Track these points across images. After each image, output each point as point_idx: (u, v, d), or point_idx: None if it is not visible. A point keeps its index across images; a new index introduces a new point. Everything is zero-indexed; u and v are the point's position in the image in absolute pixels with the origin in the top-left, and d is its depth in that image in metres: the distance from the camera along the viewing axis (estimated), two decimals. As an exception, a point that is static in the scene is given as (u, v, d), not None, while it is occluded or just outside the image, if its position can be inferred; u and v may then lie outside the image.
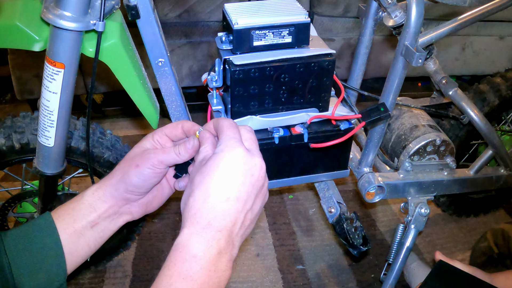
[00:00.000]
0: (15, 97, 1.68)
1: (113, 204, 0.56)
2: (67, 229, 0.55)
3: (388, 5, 0.85)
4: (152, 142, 0.58)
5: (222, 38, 0.72)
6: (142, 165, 0.55)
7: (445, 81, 0.98)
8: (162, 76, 0.78)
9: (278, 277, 1.18)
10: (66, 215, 0.56)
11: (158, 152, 0.56)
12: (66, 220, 0.55)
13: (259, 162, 0.50)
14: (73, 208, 0.56)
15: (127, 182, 0.55)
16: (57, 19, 0.62)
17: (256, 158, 0.50)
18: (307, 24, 0.71)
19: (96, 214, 0.56)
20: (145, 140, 0.59)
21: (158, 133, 0.59)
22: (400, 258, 0.98)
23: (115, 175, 0.57)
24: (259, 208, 0.51)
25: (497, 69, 1.21)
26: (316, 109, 0.77)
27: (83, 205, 0.56)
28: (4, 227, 1.07)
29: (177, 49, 1.66)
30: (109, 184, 0.56)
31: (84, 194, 0.57)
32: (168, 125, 0.60)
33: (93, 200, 0.56)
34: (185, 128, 0.59)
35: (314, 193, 1.48)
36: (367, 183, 0.92)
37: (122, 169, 0.56)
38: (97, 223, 0.56)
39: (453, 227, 1.36)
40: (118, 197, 0.56)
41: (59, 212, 0.56)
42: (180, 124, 0.59)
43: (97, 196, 0.56)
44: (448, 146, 0.97)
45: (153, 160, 0.55)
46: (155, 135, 0.59)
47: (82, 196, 0.57)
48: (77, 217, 0.56)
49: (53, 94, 0.69)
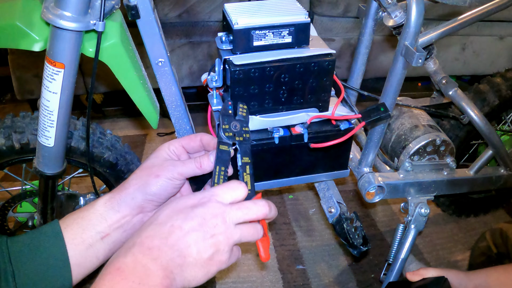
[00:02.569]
0: (15, 97, 1.68)
1: (127, 213, 0.56)
2: (75, 239, 0.54)
3: (388, 5, 0.85)
4: (168, 152, 0.59)
5: (222, 38, 0.72)
6: (162, 175, 0.55)
7: (445, 81, 0.98)
8: (162, 76, 0.78)
9: (278, 277, 1.18)
10: (75, 224, 0.55)
11: (177, 164, 0.56)
12: (75, 229, 0.54)
13: (221, 210, 0.49)
14: (83, 217, 0.55)
15: (147, 191, 0.55)
16: (57, 19, 0.62)
17: (220, 206, 0.49)
18: (307, 24, 0.71)
19: (106, 224, 0.55)
20: (161, 150, 0.59)
21: (174, 144, 0.59)
22: (400, 258, 0.98)
23: (132, 184, 0.56)
24: (204, 250, 0.48)
25: (497, 69, 1.21)
26: (316, 109, 0.77)
27: (93, 215, 0.55)
28: (4, 227, 1.07)
29: (177, 49, 1.66)
30: (125, 193, 0.56)
31: (95, 204, 0.56)
32: (185, 137, 0.60)
33: (105, 210, 0.55)
34: (205, 142, 0.60)
35: (314, 193, 1.48)
36: (367, 183, 0.92)
37: (140, 178, 0.56)
38: (107, 234, 0.55)
39: (453, 227, 1.36)
40: (133, 206, 0.56)
41: (67, 221, 0.55)
42: (199, 137, 0.60)
43: (109, 205, 0.55)
44: (448, 146, 0.97)
45: (173, 173, 0.55)
46: (171, 146, 0.59)
47: (92, 206, 0.56)
48: (86, 227, 0.54)
49: (53, 94, 0.69)
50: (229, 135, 0.58)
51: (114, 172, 1.00)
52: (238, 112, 0.61)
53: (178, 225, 0.47)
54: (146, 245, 0.46)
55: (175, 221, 0.47)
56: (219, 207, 0.49)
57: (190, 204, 0.49)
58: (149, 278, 0.44)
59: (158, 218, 0.49)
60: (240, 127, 0.60)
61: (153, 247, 0.45)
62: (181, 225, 0.47)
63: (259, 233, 0.52)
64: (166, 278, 0.44)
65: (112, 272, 0.44)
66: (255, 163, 0.77)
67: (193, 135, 0.60)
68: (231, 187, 0.51)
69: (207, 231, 0.47)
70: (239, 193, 0.51)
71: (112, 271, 0.44)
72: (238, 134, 0.59)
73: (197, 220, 0.47)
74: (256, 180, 0.80)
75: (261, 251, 0.54)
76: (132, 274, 0.44)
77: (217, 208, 0.49)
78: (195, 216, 0.48)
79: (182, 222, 0.47)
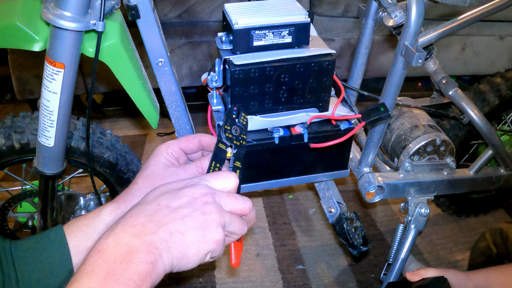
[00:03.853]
0: (15, 97, 1.68)
1: None
2: (79, 246, 0.53)
3: (388, 5, 0.85)
4: (167, 157, 0.58)
5: (222, 38, 0.72)
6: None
7: (445, 81, 0.98)
8: (162, 76, 0.78)
9: (278, 277, 1.18)
10: (80, 231, 0.54)
11: (179, 172, 0.55)
12: (79, 236, 0.54)
13: (207, 190, 0.47)
14: (88, 225, 0.54)
15: None
16: (57, 19, 0.62)
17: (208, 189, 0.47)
18: (307, 24, 0.71)
19: None
20: (159, 154, 0.58)
21: (172, 146, 0.58)
22: (400, 258, 0.98)
23: (136, 195, 0.55)
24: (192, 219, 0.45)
25: (497, 69, 1.21)
26: (316, 109, 0.77)
27: (98, 224, 0.54)
28: (4, 227, 1.07)
29: (177, 49, 1.66)
30: (130, 204, 0.55)
31: (100, 212, 0.55)
32: (182, 138, 0.59)
33: (110, 220, 0.54)
34: (204, 143, 0.59)
35: (314, 193, 1.48)
36: (367, 183, 0.92)
37: (143, 189, 0.55)
38: None
39: (453, 227, 1.36)
40: None
41: (72, 227, 0.55)
42: (198, 138, 0.59)
43: (114, 215, 0.55)
44: (448, 146, 0.97)
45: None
46: (169, 149, 0.58)
47: (98, 214, 0.55)
48: (91, 235, 0.54)
49: (53, 94, 0.69)
50: (229, 137, 0.58)
51: (114, 172, 1.00)
52: (240, 118, 0.62)
53: (165, 203, 0.45)
54: (130, 223, 0.43)
55: (162, 200, 0.45)
56: (209, 188, 0.47)
57: (178, 187, 0.47)
58: (131, 255, 0.41)
59: (145, 199, 0.47)
60: (239, 133, 0.60)
61: (136, 224, 0.43)
62: (168, 204, 0.45)
63: (244, 229, 0.50)
64: (149, 254, 0.41)
65: (93, 255, 0.42)
66: (256, 163, 0.77)
67: (191, 136, 0.60)
68: (222, 175, 0.50)
69: (197, 208, 0.45)
70: (229, 182, 0.49)
71: (93, 254, 0.42)
72: (236, 138, 0.59)
73: (186, 199, 0.45)
74: (256, 180, 0.80)
75: (233, 256, 0.52)
76: (113, 254, 0.41)
77: (207, 188, 0.47)
78: (183, 195, 0.45)
79: (170, 201, 0.45)
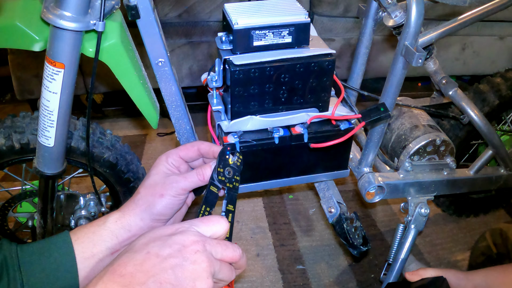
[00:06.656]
0: (15, 97, 1.68)
1: (138, 233, 0.56)
2: (85, 253, 0.54)
3: (388, 5, 0.85)
4: (167, 166, 0.59)
5: (222, 38, 0.72)
6: (166, 194, 0.56)
7: (445, 81, 0.98)
8: (162, 76, 0.78)
9: (278, 277, 1.18)
10: (86, 238, 0.55)
11: (180, 180, 0.57)
12: (85, 243, 0.54)
13: (197, 243, 0.44)
14: (94, 232, 0.55)
15: (154, 212, 0.56)
16: (57, 19, 0.62)
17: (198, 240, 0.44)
18: (307, 24, 0.71)
19: (117, 241, 0.55)
20: (160, 164, 0.59)
21: (172, 155, 0.59)
22: (400, 258, 0.98)
23: (138, 204, 0.56)
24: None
25: (497, 69, 1.21)
26: (316, 109, 0.77)
27: (104, 232, 0.55)
28: (4, 227, 1.07)
29: (177, 49, 1.66)
30: (133, 213, 0.56)
31: (106, 220, 0.56)
32: (181, 147, 0.60)
33: (116, 228, 0.55)
34: (203, 151, 0.60)
35: (314, 193, 1.48)
36: (367, 183, 0.92)
37: (145, 198, 0.56)
38: (117, 250, 0.55)
39: (453, 227, 1.36)
40: (143, 226, 0.56)
41: (78, 234, 0.55)
42: (196, 146, 0.60)
43: (120, 224, 0.56)
44: (448, 146, 0.97)
45: (177, 189, 0.56)
46: (169, 158, 0.59)
47: (104, 222, 0.56)
48: (97, 242, 0.54)
49: (53, 94, 0.69)
50: (221, 179, 0.58)
51: (114, 172, 1.00)
52: (235, 159, 0.61)
53: (154, 252, 0.43)
54: (118, 272, 0.41)
55: (151, 248, 0.43)
56: (199, 235, 0.45)
57: (167, 233, 0.45)
58: None
59: (134, 247, 0.45)
60: (233, 174, 0.60)
61: (125, 274, 0.41)
62: (158, 252, 0.43)
63: (232, 276, 0.48)
64: None
65: None
66: (256, 163, 0.77)
67: (190, 144, 0.61)
68: (212, 220, 0.48)
69: (187, 257, 0.43)
70: (220, 228, 0.48)
71: None
72: (229, 181, 0.59)
73: (176, 247, 0.43)
74: (256, 180, 0.80)
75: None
76: None
77: (197, 235, 0.45)
78: (173, 243, 0.43)
79: (159, 249, 0.43)
